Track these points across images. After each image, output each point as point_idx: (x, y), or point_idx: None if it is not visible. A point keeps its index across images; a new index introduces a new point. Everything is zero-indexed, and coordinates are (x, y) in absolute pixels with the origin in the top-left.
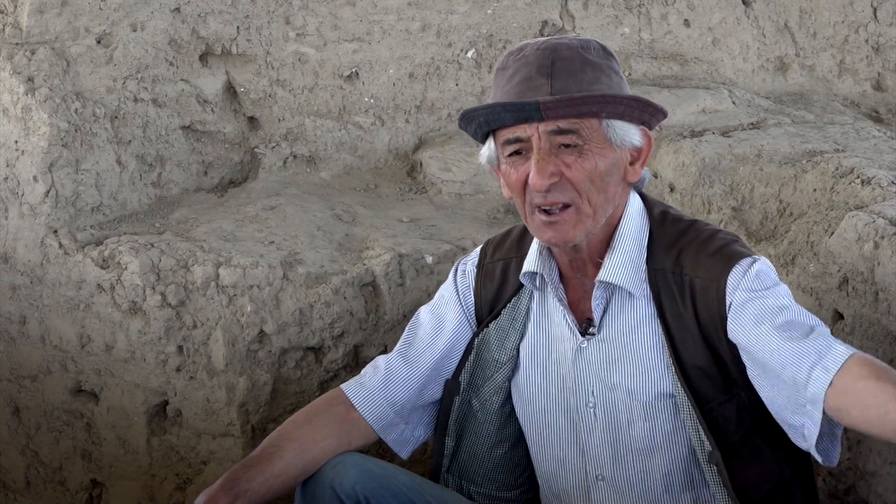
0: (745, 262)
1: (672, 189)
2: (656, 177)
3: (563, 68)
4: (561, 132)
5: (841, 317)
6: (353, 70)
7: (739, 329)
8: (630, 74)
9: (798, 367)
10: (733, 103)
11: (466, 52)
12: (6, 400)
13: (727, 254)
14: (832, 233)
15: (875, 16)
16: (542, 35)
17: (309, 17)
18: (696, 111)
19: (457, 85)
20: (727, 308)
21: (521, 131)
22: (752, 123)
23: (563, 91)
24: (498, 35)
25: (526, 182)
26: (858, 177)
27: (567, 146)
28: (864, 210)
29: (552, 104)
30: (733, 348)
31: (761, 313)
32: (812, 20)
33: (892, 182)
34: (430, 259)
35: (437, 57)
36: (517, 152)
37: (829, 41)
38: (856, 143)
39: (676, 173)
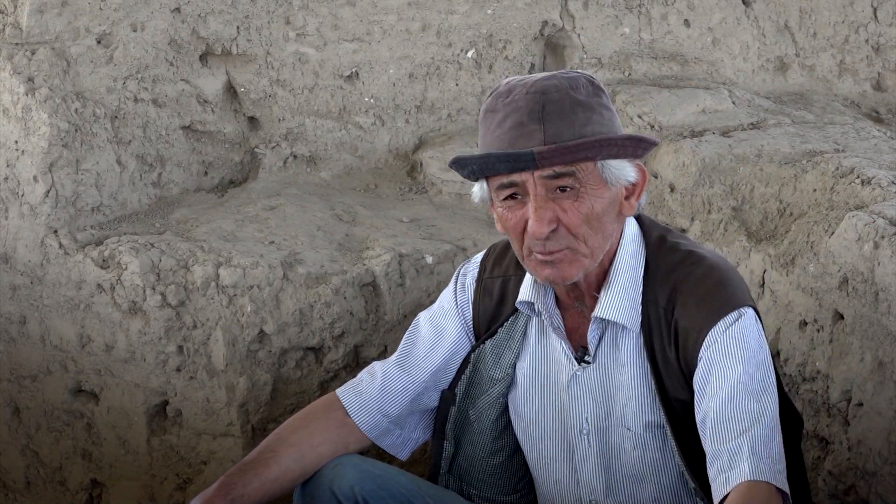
0: (730, 317)
1: (672, 189)
2: (656, 177)
3: (553, 112)
4: (557, 176)
5: (841, 317)
6: (353, 70)
7: (697, 392)
8: (630, 74)
9: (711, 465)
10: (733, 103)
11: (466, 52)
12: (6, 400)
13: (715, 303)
14: (832, 233)
15: (875, 16)
16: (541, 35)
17: (309, 17)
18: (696, 111)
19: (457, 85)
20: (698, 359)
21: (516, 176)
22: (752, 123)
23: (557, 136)
24: (498, 35)
25: (524, 228)
26: (858, 177)
27: (563, 189)
28: (864, 210)
29: (547, 154)
30: None
31: (715, 390)
32: (812, 20)
33: (892, 182)
34: (430, 259)
35: (437, 57)
36: (512, 196)
37: (829, 41)
38: (856, 143)
39: (676, 173)
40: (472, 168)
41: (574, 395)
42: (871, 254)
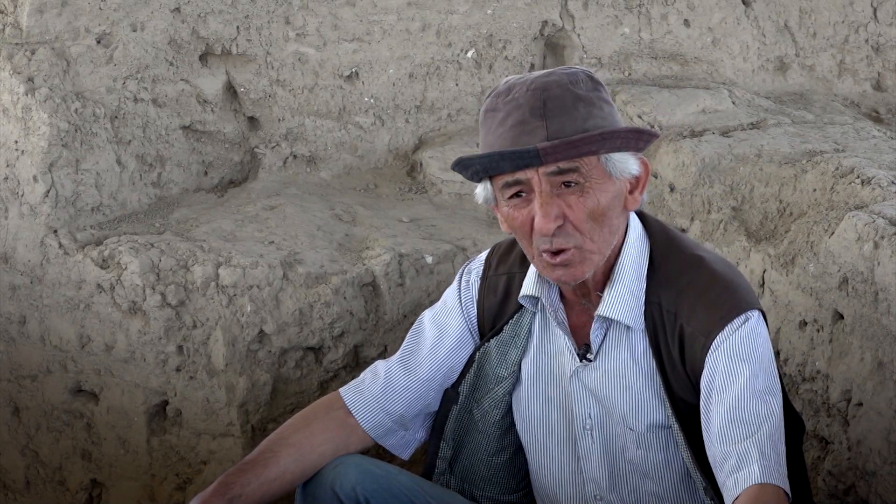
0: (737, 321)
1: (672, 189)
2: (656, 177)
3: (555, 108)
4: (562, 172)
5: (841, 317)
6: (353, 70)
7: (703, 394)
8: (630, 74)
9: (720, 467)
10: (733, 103)
11: (466, 52)
12: (6, 400)
13: (722, 309)
14: (832, 233)
15: (875, 16)
16: (541, 35)
17: (309, 17)
18: (696, 111)
19: (457, 85)
20: (705, 362)
21: (521, 174)
22: (752, 123)
23: (560, 131)
24: (498, 35)
25: (532, 226)
26: (858, 177)
27: (568, 184)
28: (864, 210)
29: (551, 149)
30: None
31: (722, 392)
32: (812, 20)
33: (892, 182)
34: (429, 259)
35: (437, 57)
36: (517, 194)
37: (829, 41)
38: (856, 143)
39: (676, 173)
40: (475, 168)
41: (576, 390)
42: (870, 254)
